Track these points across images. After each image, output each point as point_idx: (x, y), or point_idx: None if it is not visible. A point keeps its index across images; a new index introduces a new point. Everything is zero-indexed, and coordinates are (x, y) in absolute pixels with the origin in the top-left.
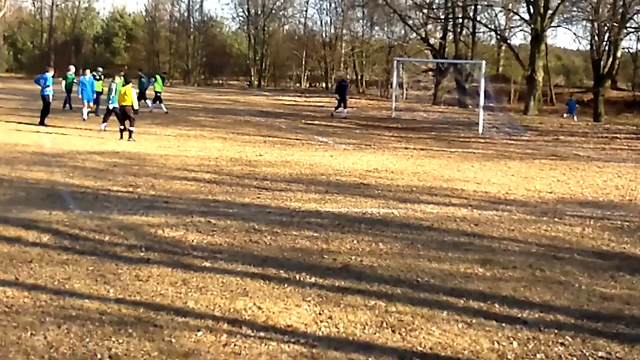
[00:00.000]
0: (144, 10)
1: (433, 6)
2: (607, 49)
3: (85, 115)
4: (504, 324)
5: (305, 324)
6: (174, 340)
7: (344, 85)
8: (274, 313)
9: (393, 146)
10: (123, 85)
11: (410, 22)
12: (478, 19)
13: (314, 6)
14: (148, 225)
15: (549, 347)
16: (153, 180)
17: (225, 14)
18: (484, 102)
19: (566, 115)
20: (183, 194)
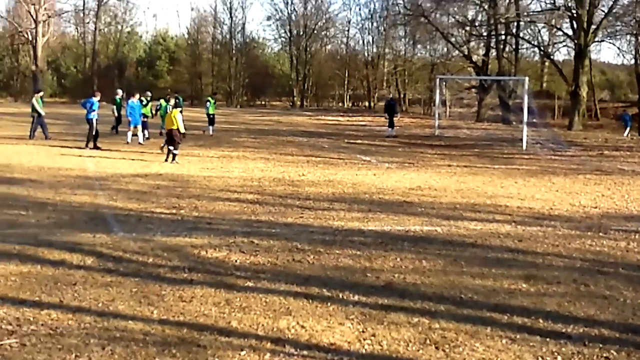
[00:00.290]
0: (186, 33)
1: (475, 23)
2: None
3: (130, 139)
4: (548, 339)
5: (349, 342)
6: (217, 359)
7: (393, 104)
8: (317, 332)
9: (436, 164)
10: (173, 109)
11: (453, 40)
12: (521, 35)
13: (355, 26)
14: (191, 247)
15: None
16: (196, 201)
17: (267, 35)
18: (528, 119)
19: (627, 133)
20: (226, 215)
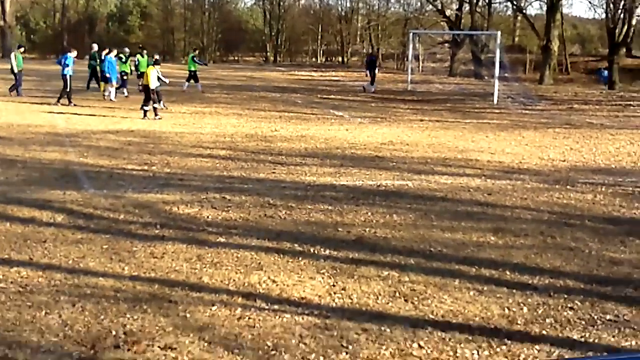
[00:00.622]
0: None
1: None
2: (622, 17)
3: (114, 96)
4: (514, 291)
5: (319, 296)
6: (188, 315)
7: (374, 60)
8: (288, 286)
9: (408, 118)
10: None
11: None
12: None
13: None
14: (163, 203)
15: (558, 312)
16: (168, 158)
17: None
18: (500, 73)
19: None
20: (198, 171)
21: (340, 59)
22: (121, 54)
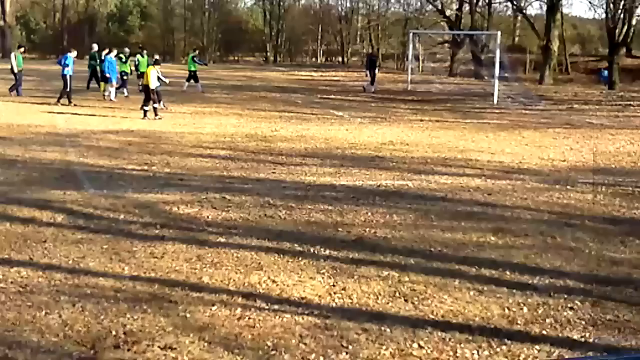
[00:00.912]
0: None
1: None
2: (622, 17)
3: (114, 96)
4: (514, 291)
5: (319, 296)
6: (188, 315)
7: (374, 60)
8: (288, 286)
9: (408, 118)
10: (148, 66)
11: None
12: None
13: None
14: (163, 203)
15: (558, 312)
16: (168, 158)
17: None
18: (500, 73)
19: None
20: (198, 171)
21: (340, 59)
22: (121, 54)
